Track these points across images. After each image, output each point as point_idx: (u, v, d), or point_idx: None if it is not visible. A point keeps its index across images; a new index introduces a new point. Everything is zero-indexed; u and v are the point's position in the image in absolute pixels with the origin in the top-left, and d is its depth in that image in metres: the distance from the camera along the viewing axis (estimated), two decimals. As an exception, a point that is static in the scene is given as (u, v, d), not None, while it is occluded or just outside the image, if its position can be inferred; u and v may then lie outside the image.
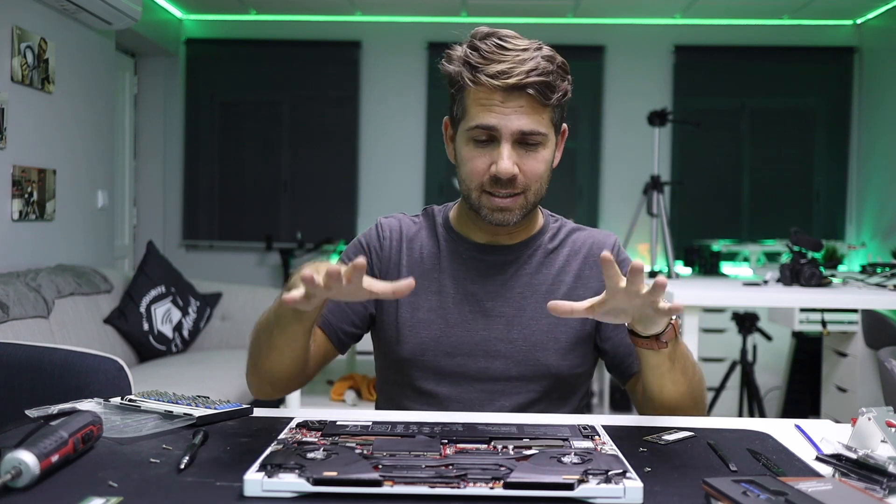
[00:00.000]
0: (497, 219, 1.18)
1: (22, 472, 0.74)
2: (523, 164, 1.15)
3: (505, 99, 1.13)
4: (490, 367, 1.22)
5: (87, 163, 3.63)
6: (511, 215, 1.18)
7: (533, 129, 1.14)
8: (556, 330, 1.23)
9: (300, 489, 0.74)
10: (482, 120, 1.14)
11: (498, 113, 1.13)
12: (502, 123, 1.13)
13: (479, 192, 1.18)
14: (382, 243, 1.28)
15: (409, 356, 1.23)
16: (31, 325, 2.55)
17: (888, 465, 0.79)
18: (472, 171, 1.17)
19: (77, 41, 3.49)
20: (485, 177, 1.16)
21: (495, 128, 1.14)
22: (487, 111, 1.13)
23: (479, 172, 1.17)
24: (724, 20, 4.88)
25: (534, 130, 1.14)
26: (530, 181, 1.17)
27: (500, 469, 0.77)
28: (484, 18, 4.84)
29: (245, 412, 1.07)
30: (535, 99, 1.13)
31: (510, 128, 1.13)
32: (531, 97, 1.13)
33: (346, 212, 4.99)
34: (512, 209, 1.18)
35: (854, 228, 4.88)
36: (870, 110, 4.77)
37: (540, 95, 1.13)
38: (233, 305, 3.68)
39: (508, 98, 1.13)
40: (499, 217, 1.18)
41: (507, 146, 1.14)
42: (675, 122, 4.42)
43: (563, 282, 1.26)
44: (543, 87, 1.12)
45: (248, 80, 5.04)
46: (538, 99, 1.13)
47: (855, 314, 3.12)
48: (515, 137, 1.14)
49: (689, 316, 2.43)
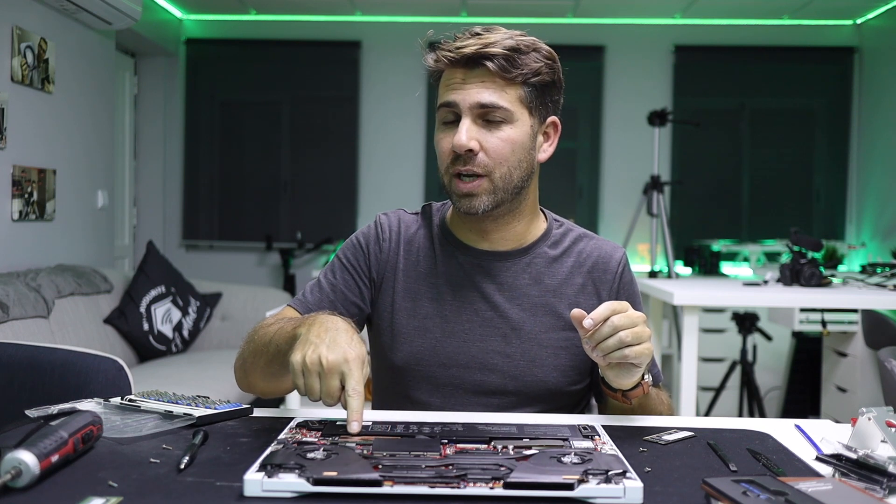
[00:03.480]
0: (465, 206, 1.14)
1: (22, 472, 0.74)
2: (485, 142, 1.11)
3: (466, 75, 1.12)
4: (486, 380, 1.18)
5: (87, 163, 3.63)
6: (478, 201, 1.13)
7: (492, 101, 1.10)
8: (557, 345, 1.18)
9: (300, 489, 0.74)
10: (444, 97, 1.13)
11: (457, 88, 1.12)
12: (460, 97, 1.11)
13: (448, 176, 1.15)
14: (382, 245, 1.24)
15: (403, 364, 1.19)
16: (31, 325, 2.55)
17: (888, 465, 0.79)
18: (441, 153, 1.15)
19: (77, 41, 3.49)
20: (449, 158, 1.13)
21: (454, 103, 1.12)
22: (450, 89, 1.12)
23: (445, 154, 1.14)
24: (724, 20, 4.88)
25: (493, 104, 1.10)
26: (494, 162, 1.12)
27: (500, 469, 0.77)
28: (484, 18, 4.84)
29: (245, 412, 1.06)
30: (495, 73, 1.10)
31: (468, 101, 1.11)
32: (491, 71, 1.10)
33: (346, 212, 4.99)
34: (477, 194, 1.13)
35: (854, 228, 4.88)
36: (870, 110, 4.77)
37: (500, 69, 1.10)
38: (233, 305, 3.68)
39: (470, 74, 1.11)
40: (466, 204, 1.13)
41: (466, 121, 1.11)
42: (675, 122, 4.42)
43: (565, 294, 1.21)
44: (504, 59, 1.10)
45: (248, 80, 5.05)
46: (498, 73, 1.10)
47: (855, 314, 3.11)
48: (476, 112, 1.11)
49: (689, 316, 2.43)
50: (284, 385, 1.12)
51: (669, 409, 1.19)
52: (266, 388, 1.15)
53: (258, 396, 1.22)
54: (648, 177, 3.97)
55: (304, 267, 5.02)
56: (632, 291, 1.24)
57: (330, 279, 1.24)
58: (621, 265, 1.24)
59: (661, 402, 1.17)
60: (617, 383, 1.05)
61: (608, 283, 1.23)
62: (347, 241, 1.28)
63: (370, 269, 1.24)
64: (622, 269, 1.24)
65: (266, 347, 1.08)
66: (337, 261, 1.26)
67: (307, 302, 1.22)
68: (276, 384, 1.13)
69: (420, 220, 1.28)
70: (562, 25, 4.88)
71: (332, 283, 1.23)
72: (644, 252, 4.77)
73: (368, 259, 1.24)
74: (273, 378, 1.11)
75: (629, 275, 1.26)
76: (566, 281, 1.22)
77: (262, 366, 1.10)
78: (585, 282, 1.22)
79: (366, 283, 1.24)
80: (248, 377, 1.16)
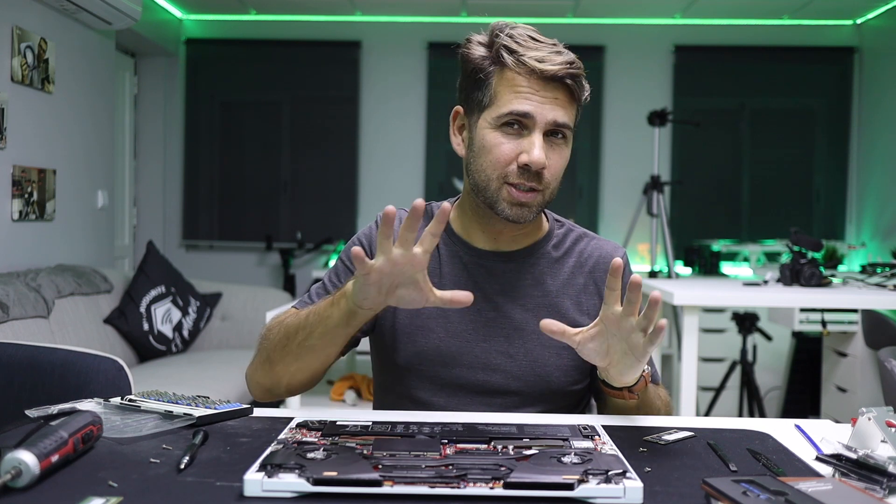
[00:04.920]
0: (515, 214, 1.13)
1: (22, 472, 0.74)
2: (549, 160, 1.12)
3: (542, 88, 1.10)
4: (489, 380, 1.18)
5: (87, 163, 3.63)
6: (529, 212, 1.14)
7: (565, 122, 1.12)
8: (560, 345, 1.16)
9: (300, 489, 0.74)
10: (517, 106, 1.10)
11: (535, 101, 1.10)
12: (538, 111, 1.10)
13: (500, 182, 1.13)
14: None
15: (406, 364, 1.20)
16: (31, 325, 2.55)
17: (888, 465, 0.79)
18: (498, 158, 1.12)
19: (77, 41, 3.49)
20: (510, 166, 1.12)
21: (530, 115, 1.10)
22: (523, 98, 1.10)
23: (504, 161, 1.12)
24: (724, 20, 4.88)
25: (566, 124, 1.12)
26: (552, 178, 1.14)
27: (500, 469, 0.77)
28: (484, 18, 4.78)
29: (245, 412, 1.06)
30: (569, 92, 1.11)
31: (546, 117, 1.10)
32: (567, 90, 1.11)
33: (346, 212, 4.99)
34: (531, 205, 1.13)
35: (854, 228, 4.88)
36: (870, 110, 4.77)
37: (576, 89, 1.12)
38: (233, 305, 3.68)
39: (545, 87, 1.10)
40: (517, 212, 1.13)
41: (539, 136, 1.10)
42: (675, 122, 4.42)
43: (567, 294, 1.22)
44: (578, 81, 1.12)
45: (248, 80, 5.05)
46: (573, 92, 1.12)
47: (855, 314, 3.12)
48: (548, 128, 1.11)
49: (689, 316, 2.43)
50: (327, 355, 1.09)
51: (668, 405, 1.20)
52: (298, 371, 1.12)
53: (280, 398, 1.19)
54: (648, 177, 3.97)
55: (304, 267, 5.02)
56: None
57: (334, 281, 1.25)
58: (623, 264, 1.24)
59: (659, 398, 1.18)
60: (620, 380, 1.05)
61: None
62: (349, 242, 1.28)
63: None
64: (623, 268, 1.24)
65: (298, 330, 1.07)
66: (340, 263, 1.26)
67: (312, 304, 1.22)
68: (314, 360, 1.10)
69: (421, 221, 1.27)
70: (562, 25, 4.87)
71: (337, 285, 1.24)
72: (644, 252, 4.77)
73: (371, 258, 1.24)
74: (314, 353, 1.08)
75: (629, 274, 1.26)
76: (568, 281, 1.23)
77: (299, 346, 1.08)
78: (587, 282, 1.23)
79: None
80: (273, 370, 1.13)
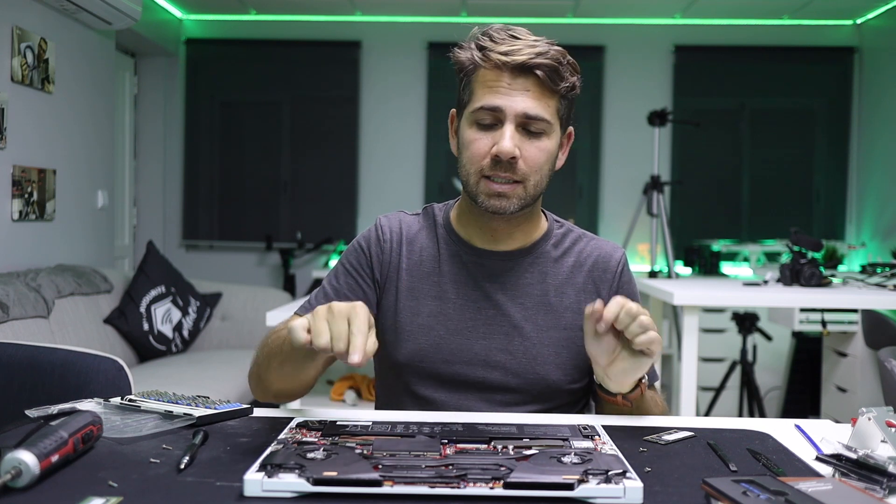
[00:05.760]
0: (494, 205, 1.14)
1: (22, 472, 0.74)
2: (524, 151, 1.12)
3: (512, 80, 1.11)
4: (489, 377, 1.19)
5: (87, 163, 3.63)
6: (508, 203, 1.14)
7: (538, 113, 1.12)
8: (559, 344, 1.20)
9: (300, 489, 0.74)
10: (487, 101, 1.12)
11: (504, 94, 1.11)
12: (507, 104, 1.11)
13: (478, 176, 1.15)
14: (383, 246, 1.25)
15: (407, 361, 1.21)
16: (31, 325, 2.55)
17: (888, 465, 0.79)
18: (474, 153, 1.14)
19: (77, 41, 3.49)
20: (485, 160, 1.13)
21: (500, 108, 1.11)
22: (493, 92, 1.12)
23: (479, 155, 1.14)
24: (724, 20, 4.88)
25: (538, 115, 1.12)
26: (530, 170, 1.14)
27: (500, 469, 0.77)
28: (484, 18, 4.83)
29: (245, 412, 1.07)
30: (542, 83, 1.12)
31: (515, 109, 1.11)
32: (538, 81, 1.11)
33: (346, 212, 4.99)
34: (510, 196, 1.14)
35: (854, 228, 4.88)
36: (870, 110, 4.77)
37: (548, 79, 1.11)
38: (233, 305, 3.68)
39: (515, 80, 1.11)
40: (496, 203, 1.14)
41: (510, 127, 1.11)
42: (675, 122, 4.42)
43: (565, 293, 1.23)
44: (552, 71, 1.11)
45: (248, 80, 5.04)
46: (546, 83, 1.12)
47: (855, 314, 3.12)
48: (519, 120, 1.12)
49: (689, 316, 2.43)
50: (303, 378, 1.12)
51: (663, 409, 1.20)
52: (282, 387, 1.15)
53: (274, 403, 1.22)
54: (648, 177, 3.97)
55: (304, 267, 5.02)
56: (631, 290, 1.27)
57: (334, 284, 1.25)
58: (621, 265, 1.27)
59: (655, 404, 1.19)
60: (618, 386, 1.07)
61: (608, 282, 1.25)
62: (349, 245, 1.30)
63: (373, 271, 1.25)
64: (621, 268, 1.27)
65: (280, 347, 1.09)
66: (340, 266, 1.27)
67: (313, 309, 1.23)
68: (293, 381, 1.13)
69: (422, 221, 1.29)
70: (562, 25, 4.87)
71: (337, 287, 1.25)
72: (644, 252, 4.77)
73: (370, 261, 1.25)
74: (289, 377, 1.11)
75: (628, 274, 1.28)
76: (567, 280, 1.24)
77: (276, 366, 1.11)
78: (586, 281, 1.24)
79: (369, 284, 1.25)
80: (263, 381, 1.17)
